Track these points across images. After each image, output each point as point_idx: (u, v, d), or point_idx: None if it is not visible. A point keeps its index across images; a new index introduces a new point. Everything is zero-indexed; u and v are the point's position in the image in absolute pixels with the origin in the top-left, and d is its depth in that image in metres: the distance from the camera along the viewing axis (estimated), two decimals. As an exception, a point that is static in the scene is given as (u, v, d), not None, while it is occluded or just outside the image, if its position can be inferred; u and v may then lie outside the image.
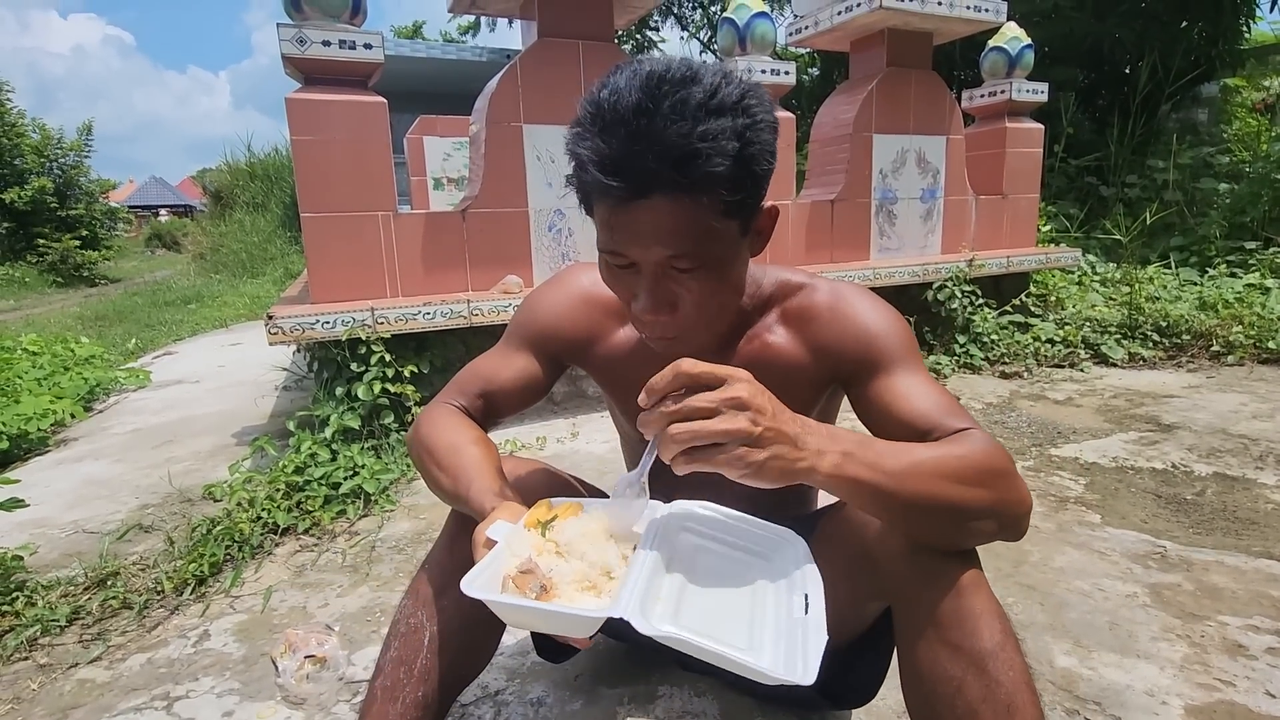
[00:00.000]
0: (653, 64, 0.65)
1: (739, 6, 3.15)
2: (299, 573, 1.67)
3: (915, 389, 0.78)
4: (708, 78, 0.64)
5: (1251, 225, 5.06)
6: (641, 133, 0.62)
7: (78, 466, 2.53)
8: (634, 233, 0.68)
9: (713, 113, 0.63)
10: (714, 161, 0.63)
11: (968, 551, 0.73)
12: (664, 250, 0.68)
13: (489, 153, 2.69)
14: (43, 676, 1.31)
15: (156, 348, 5.13)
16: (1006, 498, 0.69)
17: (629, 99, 0.63)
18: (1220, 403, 2.69)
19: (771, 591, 0.70)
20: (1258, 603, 1.39)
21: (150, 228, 24.63)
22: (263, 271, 9.47)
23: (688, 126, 0.62)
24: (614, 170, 0.64)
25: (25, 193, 11.31)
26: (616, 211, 0.67)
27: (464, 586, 0.62)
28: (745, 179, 0.67)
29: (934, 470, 0.65)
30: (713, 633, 0.63)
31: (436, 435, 0.86)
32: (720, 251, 0.71)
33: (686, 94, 0.63)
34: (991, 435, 0.72)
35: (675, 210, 0.65)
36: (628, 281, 0.74)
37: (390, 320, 2.37)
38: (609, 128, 0.64)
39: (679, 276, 0.71)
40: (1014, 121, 3.97)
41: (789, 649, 0.62)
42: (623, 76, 0.65)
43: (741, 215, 0.70)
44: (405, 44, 8.80)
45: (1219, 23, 6.40)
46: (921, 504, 0.66)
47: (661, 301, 0.72)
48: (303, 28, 2.28)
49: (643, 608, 0.61)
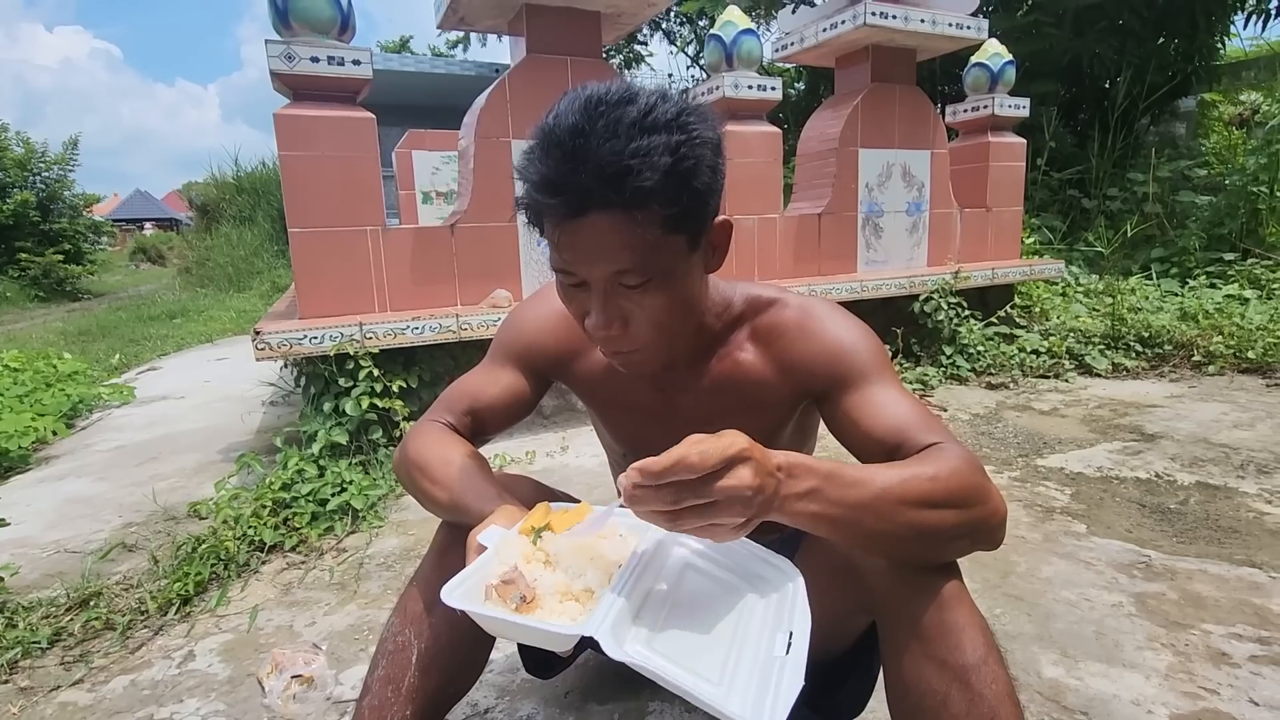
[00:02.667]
0: (594, 88, 0.68)
1: (726, 23, 3.19)
2: (286, 591, 1.66)
3: (886, 403, 0.78)
4: (643, 99, 0.66)
5: (1230, 237, 5.16)
6: (577, 152, 0.64)
7: (60, 485, 2.50)
8: (578, 250, 0.70)
9: (646, 130, 0.64)
10: (644, 176, 0.64)
11: (950, 564, 0.73)
12: (608, 266, 0.69)
13: (478, 168, 2.70)
14: (23, 700, 1.29)
15: (141, 363, 5.08)
16: (977, 514, 0.69)
17: (567, 121, 0.65)
18: (1202, 412, 2.73)
19: (756, 623, 0.67)
20: (1240, 611, 1.40)
21: (135, 241, 24.43)
22: (249, 285, 9.42)
23: (620, 144, 0.64)
24: (552, 190, 0.66)
25: (7, 206, 11.18)
26: (561, 230, 0.69)
27: (443, 594, 0.63)
28: (681, 193, 0.67)
29: (900, 498, 0.66)
30: (687, 660, 0.62)
31: (427, 451, 0.86)
32: (667, 266, 0.71)
33: (621, 113, 0.64)
34: (964, 446, 0.73)
35: (614, 226, 0.67)
36: (581, 300, 0.75)
37: (379, 335, 2.36)
38: (548, 149, 0.66)
39: (629, 293, 0.72)
40: (997, 136, 4.04)
41: (760, 689, 0.60)
42: (565, 101, 0.68)
43: (687, 230, 0.71)
44: (394, 58, 8.81)
45: (1195, 39, 6.55)
46: (890, 533, 0.66)
47: (611, 318, 0.73)
48: (291, 44, 2.29)
49: (615, 629, 0.60)
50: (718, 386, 0.89)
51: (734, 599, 0.71)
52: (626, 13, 2.91)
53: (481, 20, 2.96)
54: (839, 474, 0.65)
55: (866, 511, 0.65)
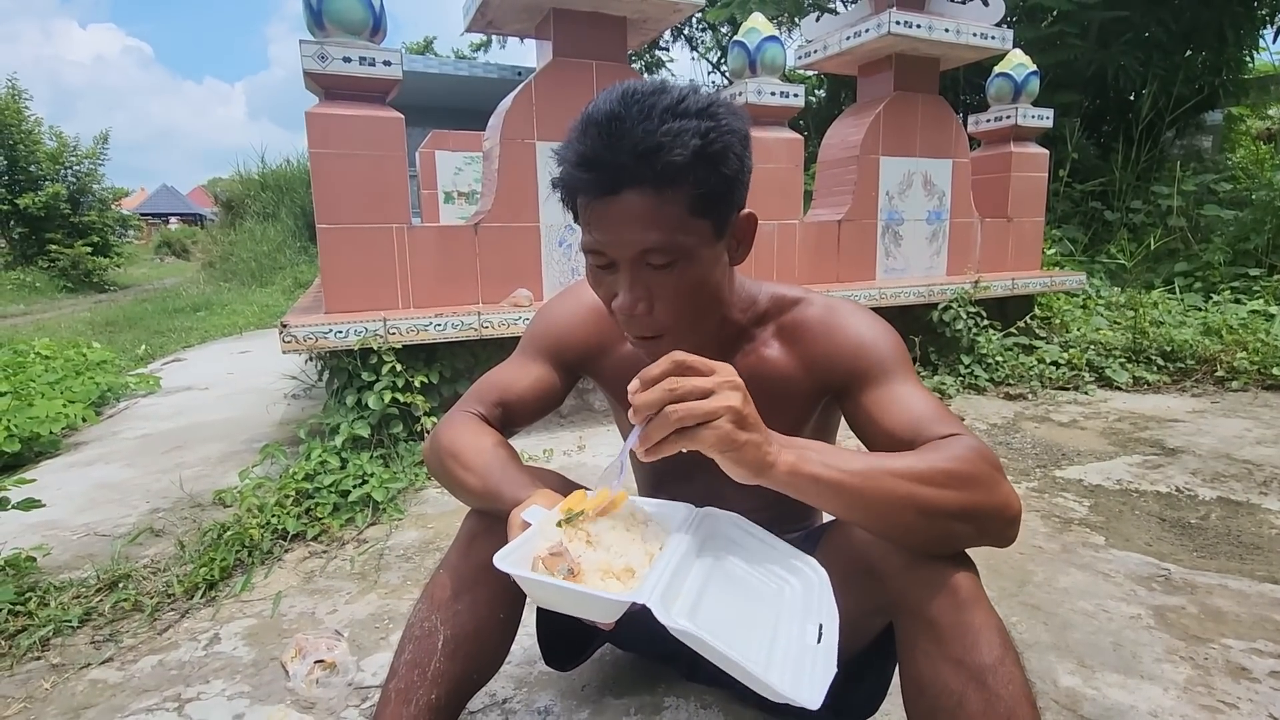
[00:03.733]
0: (631, 82, 0.72)
1: (750, 30, 3.21)
2: (308, 579, 1.69)
3: (904, 398, 0.80)
4: (676, 90, 0.71)
5: (1255, 252, 5.09)
6: (613, 132, 0.69)
7: (89, 470, 2.56)
8: (608, 228, 0.72)
9: (677, 115, 0.69)
10: (675, 154, 0.68)
11: (967, 565, 0.74)
12: (636, 243, 0.72)
13: (502, 168, 2.74)
14: (55, 676, 1.33)
15: (166, 354, 5.17)
16: (981, 500, 0.69)
17: (605, 107, 0.70)
18: (1224, 428, 2.70)
19: (787, 614, 0.71)
20: (1261, 627, 1.39)
21: (160, 235, 24.85)
22: (272, 281, 9.54)
23: (652, 125, 0.68)
24: (588, 166, 0.70)
25: (39, 199, 11.45)
26: (593, 208, 0.73)
27: (496, 561, 0.65)
28: (709, 175, 0.71)
29: (896, 471, 0.68)
30: (726, 640, 0.64)
31: (460, 439, 0.88)
32: (692, 248, 0.73)
33: (655, 100, 0.69)
34: (980, 439, 0.73)
35: (644, 203, 0.70)
36: (609, 282, 0.77)
37: (402, 331, 2.40)
38: (586, 130, 0.71)
39: (655, 273, 0.74)
40: (1019, 146, 4.02)
41: (796, 671, 0.63)
42: (604, 94, 0.72)
43: (712, 215, 0.73)
44: (419, 60, 8.91)
45: (1222, 52, 6.47)
46: (883, 503, 0.68)
47: (638, 297, 0.75)
48: (324, 44, 2.34)
49: (664, 601, 0.63)
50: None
51: (765, 590, 0.74)
52: (652, 18, 2.94)
53: (509, 24, 3.00)
54: (837, 449, 0.70)
55: (861, 477, 0.67)
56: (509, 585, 0.91)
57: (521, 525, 0.72)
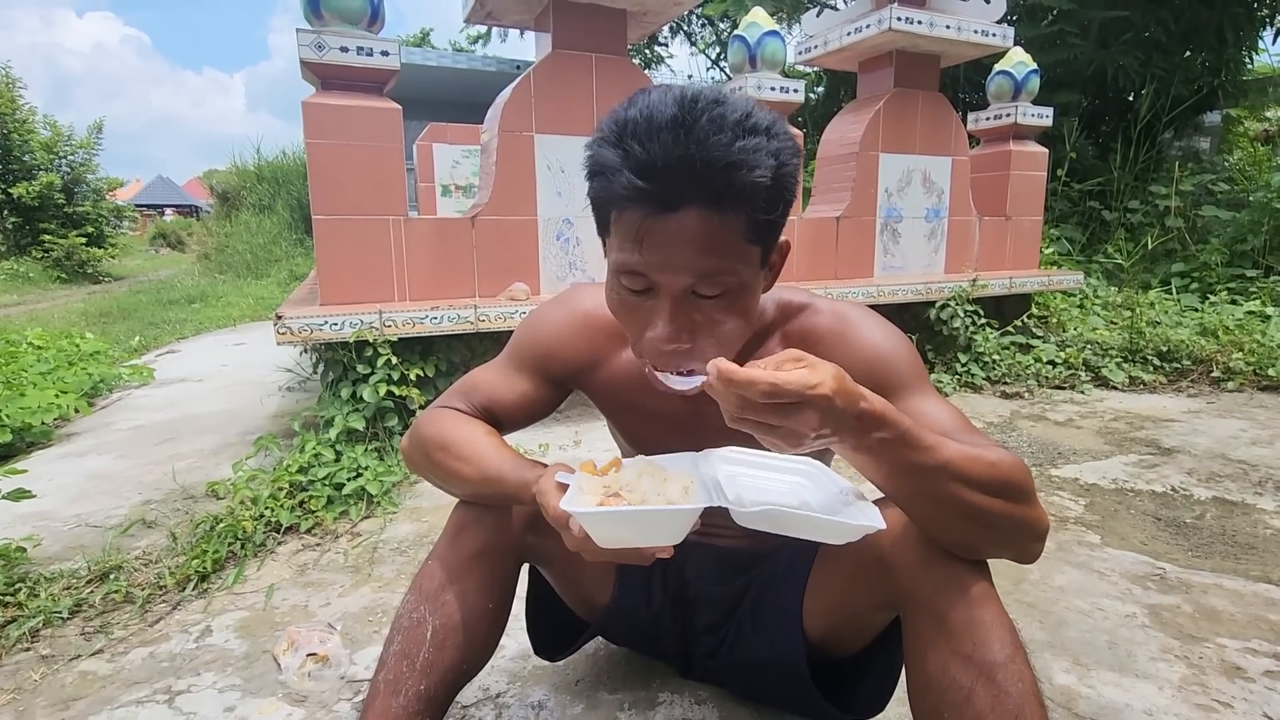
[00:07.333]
0: (679, 87, 0.66)
1: (750, 25, 3.20)
2: (301, 572, 1.68)
3: (926, 414, 0.76)
4: (738, 101, 0.65)
5: (1252, 253, 5.10)
6: (682, 140, 0.62)
7: (81, 461, 2.54)
8: (660, 247, 0.65)
9: (749, 131, 0.63)
10: (755, 174, 0.63)
11: (979, 563, 0.73)
12: (691, 268, 0.65)
13: (500, 161, 2.72)
14: (44, 667, 1.32)
15: (160, 346, 5.15)
16: (1024, 513, 0.69)
17: (665, 113, 0.62)
18: (1220, 428, 2.71)
19: (812, 491, 0.75)
20: (1256, 626, 1.39)
21: (155, 227, 24.72)
22: (267, 273, 9.51)
23: (727, 139, 0.62)
24: (652, 175, 0.62)
25: (33, 188, 11.37)
26: (646, 224, 0.64)
27: (564, 505, 0.66)
28: (775, 199, 0.66)
29: (959, 473, 0.65)
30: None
31: (449, 431, 0.86)
32: (743, 278, 0.68)
33: (722, 111, 0.63)
34: (1011, 451, 0.73)
35: (707, 225, 0.64)
36: (642, 311, 0.70)
37: (398, 323, 2.39)
38: (649, 134, 0.62)
39: (700, 304, 0.68)
40: (1018, 144, 4.02)
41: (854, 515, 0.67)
42: (653, 95, 0.65)
43: (764, 242, 0.69)
44: (417, 52, 8.88)
45: (1221, 53, 6.48)
46: (941, 504, 0.67)
47: (681, 329, 0.68)
48: (322, 33, 2.32)
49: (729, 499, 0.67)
50: None
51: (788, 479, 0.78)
52: (652, 11, 2.92)
53: (508, 15, 2.98)
54: (914, 436, 0.63)
55: (926, 478, 0.65)
56: (498, 575, 0.91)
57: (559, 487, 0.72)
